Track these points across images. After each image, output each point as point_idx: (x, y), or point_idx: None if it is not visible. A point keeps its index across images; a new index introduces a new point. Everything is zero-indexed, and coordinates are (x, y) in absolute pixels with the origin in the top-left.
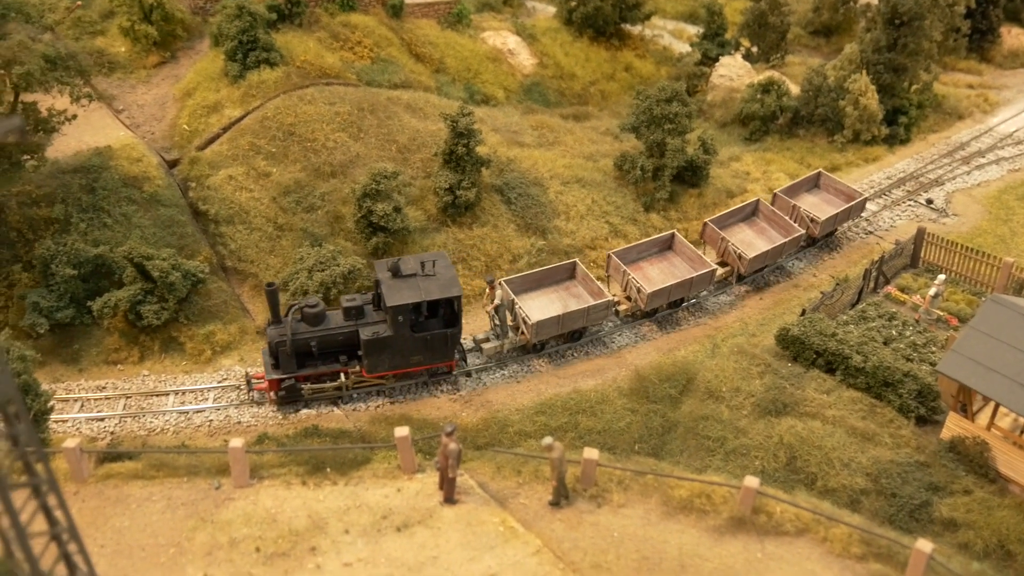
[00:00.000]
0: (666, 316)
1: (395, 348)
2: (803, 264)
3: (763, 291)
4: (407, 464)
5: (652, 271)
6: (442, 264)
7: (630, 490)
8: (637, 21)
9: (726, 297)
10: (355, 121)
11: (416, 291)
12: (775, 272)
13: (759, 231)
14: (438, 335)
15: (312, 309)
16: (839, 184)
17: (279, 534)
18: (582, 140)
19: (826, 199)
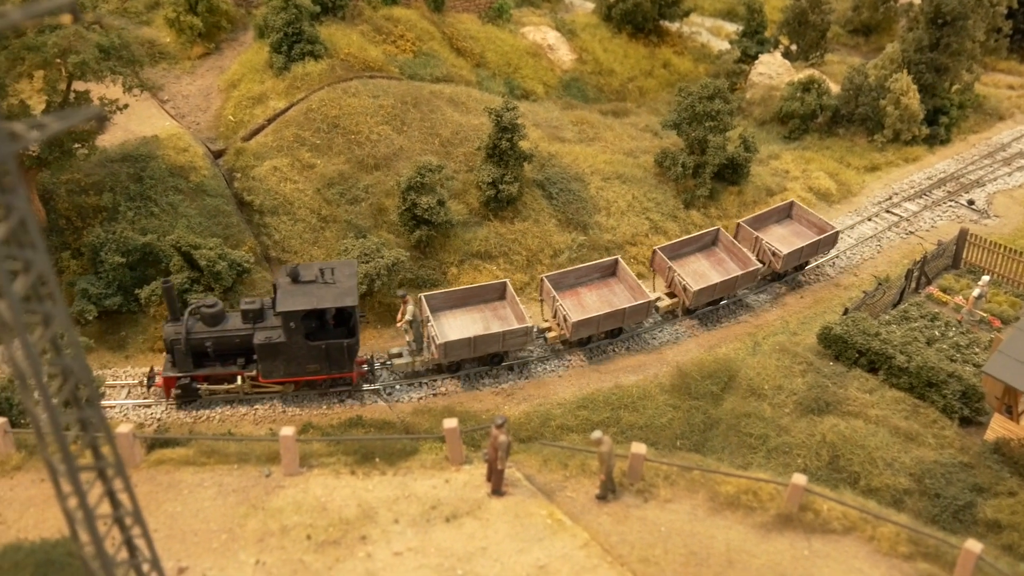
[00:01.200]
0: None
1: (290, 355)
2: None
3: (803, 289)
4: (455, 455)
5: (589, 298)
6: (344, 273)
7: (676, 485)
8: (676, 18)
9: (766, 295)
10: (398, 114)
11: (309, 298)
12: (736, 306)
13: (716, 262)
14: (334, 345)
15: (210, 309)
16: (811, 216)
17: (329, 522)
18: (622, 136)
19: (796, 231)
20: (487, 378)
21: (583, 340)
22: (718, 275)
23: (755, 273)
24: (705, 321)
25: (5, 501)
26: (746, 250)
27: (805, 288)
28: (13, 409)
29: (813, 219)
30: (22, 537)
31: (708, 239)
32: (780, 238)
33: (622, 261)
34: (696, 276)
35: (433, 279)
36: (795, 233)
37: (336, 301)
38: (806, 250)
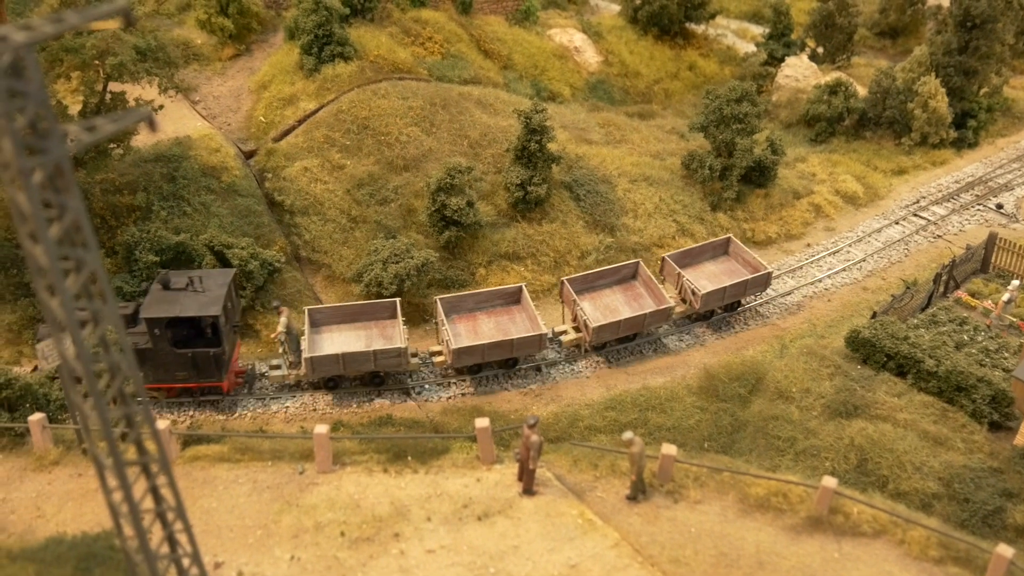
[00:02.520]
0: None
1: (157, 361)
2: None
3: (831, 293)
4: (486, 455)
5: (486, 325)
6: (216, 282)
7: (706, 487)
8: (702, 20)
9: (793, 297)
10: (427, 116)
11: (173, 306)
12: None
13: (632, 297)
14: (201, 353)
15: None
16: (747, 254)
17: (363, 519)
18: (648, 138)
19: (730, 269)
20: (515, 379)
21: (473, 368)
22: (629, 311)
23: (667, 312)
24: (732, 324)
25: (44, 495)
26: (663, 287)
27: (832, 292)
28: (50, 405)
29: (748, 257)
30: (61, 530)
31: (628, 272)
32: (710, 275)
33: (526, 290)
34: (605, 310)
35: (461, 280)
36: (728, 271)
37: (200, 310)
38: (730, 290)
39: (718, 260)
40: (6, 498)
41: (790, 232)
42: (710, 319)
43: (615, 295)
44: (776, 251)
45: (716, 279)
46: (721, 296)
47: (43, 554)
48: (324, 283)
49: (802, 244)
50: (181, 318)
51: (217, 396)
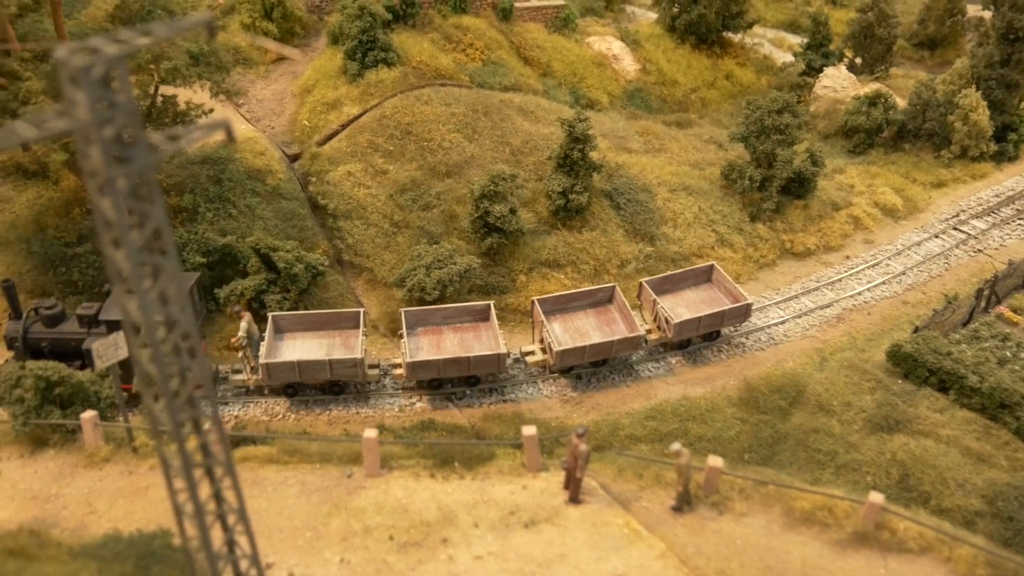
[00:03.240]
0: (775, 327)
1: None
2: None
3: (871, 306)
4: (532, 462)
5: (451, 341)
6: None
7: (751, 499)
8: (739, 29)
9: (832, 310)
10: (470, 122)
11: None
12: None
13: (605, 322)
14: None
15: (48, 311)
16: (729, 283)
17: (411, 524)
18: (687, 148)
19: (711, 297)
20: (555, 385)
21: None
22: (600, 336)
23: (636, 340)
24: (772, 335)
25: (95, 492)
26: (641, 312)
27: (872, 305)
28: (101, 402)
29: (730, 287)
30: (113, 527)
31: (603, 296)
32: (690, 303)
33: (493, 308)
34: (575, 333)
35: (502, 286)
36: (709, 300)
37: None
38: (706, 320)
39: (700, 288)
40: (58, 493)
41: (829, 244)
42: (686, 348)
43: (588, 319)
44: (815, 263)
45: (695, 307)
46: (696, 326)
47: (102, 551)
48: (365, 287)
49: (841, 256)
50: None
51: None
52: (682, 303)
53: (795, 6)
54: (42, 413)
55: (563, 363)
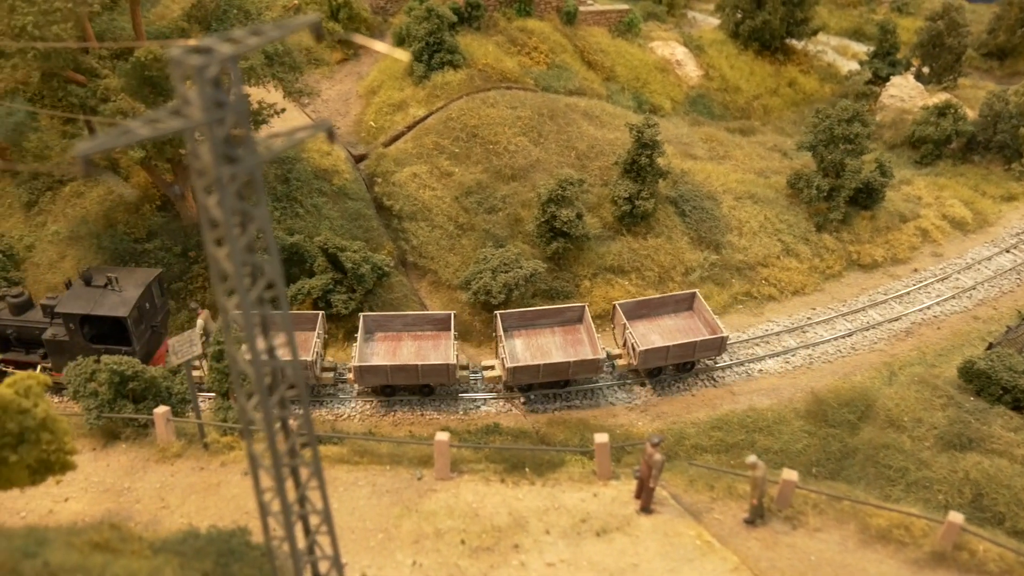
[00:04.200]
0: (842, 340)
1: (73, 354)
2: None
3: (940, 321)
4: (603, 470)
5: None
6: (135, 283)
7: (825, 514)
8: (804, 36)
9: (901, 324)
10: (535, 126)
11: (86, 303)
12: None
13: (571, 342)
14: (112, 350)
15: (15, 299)
16: (708, 313)
17: (482, 529)
18: (751, 155)
19: (689, 326)
20: (621, 392)
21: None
22: (561, 356)
23: (595, 364)
24: (840, 347)
25: (168, 487)
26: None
27: (942, 319)
28: (172, 398)
29: (709, 317)
30: (185, 522)
31: (573, 315)
32: (665, 331)
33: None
34: (536, 351)
35: (566, 291)
36: (686, 328)
37: (109, 310)
38: (675, 351)
39: (680, 315)
40: (131, 487)
41: (896, 256)
42: (656, 376)
43: (554, 337)
44: (882, 275)
45: (670, 335)
46: (664, 355)
47: (182, 547)
48: (429, 289)
49: (908, 269)
50: (91, 316)
51: None
52: (657, 330)
53: (859, 14)
54: (115, 407)
55: (516, 380)
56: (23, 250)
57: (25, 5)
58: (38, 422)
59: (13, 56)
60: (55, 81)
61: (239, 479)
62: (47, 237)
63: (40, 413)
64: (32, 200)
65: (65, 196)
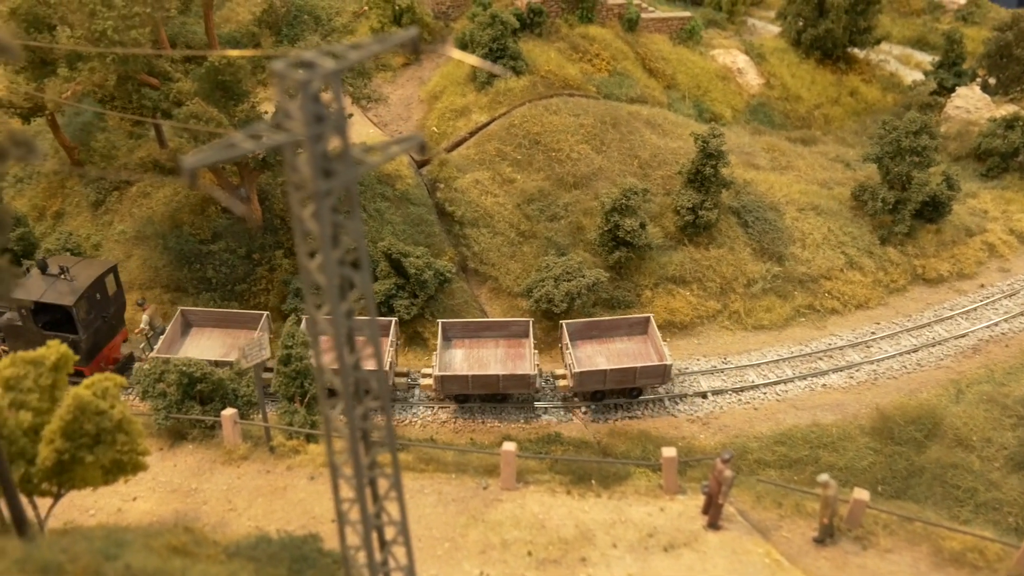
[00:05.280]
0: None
1: (28, 340)
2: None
3: (1008, 338)
4: (670, 484)
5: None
6: (87, 273)
7: (896, 535)
8: (867, 45)
9: (967, 340)
10: (598, 134)
11: (37, 290)
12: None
13: (513, 356)
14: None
15: None
16: (657, 340)
17: (549, 540)
18: (813, 166)
19: (639, 351)
20: (682, 403)
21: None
22: (500, 369)
23: (526, 379)
24: (904, 363)
25: (234, 489)
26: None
27: (1010, 336)
28: (238, 400)
29: (658, 344)
30: (252, 525)
31: (519, 329)
32: (612, 354)
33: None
34: (475, 363)
35: (628, 301)
36: (637, 353)
37: (56, 298)
38: (613, 375)
39: (633, 339)
40: (198, 488)
41: (962, 271)
42: (600, 400)
43: (497, 349)
44: (947, 290)
45: (616, 359)
46: (601, 379)
47: (256, 552)
48: (489, 295)
49: (975, 284)
50: (40, 303)
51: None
52: (605, 353)
53: (923, 22)
54: (183, 408)
55: (446, 391)
56: (90, 248)
57: (105, 10)
58: (114, 423)
59: (92, 59)
60: (130, 84)
61: (305, 483)
62: (113, 236)
63: (117, 415)
64: (99, 199)
65: (132, 196)
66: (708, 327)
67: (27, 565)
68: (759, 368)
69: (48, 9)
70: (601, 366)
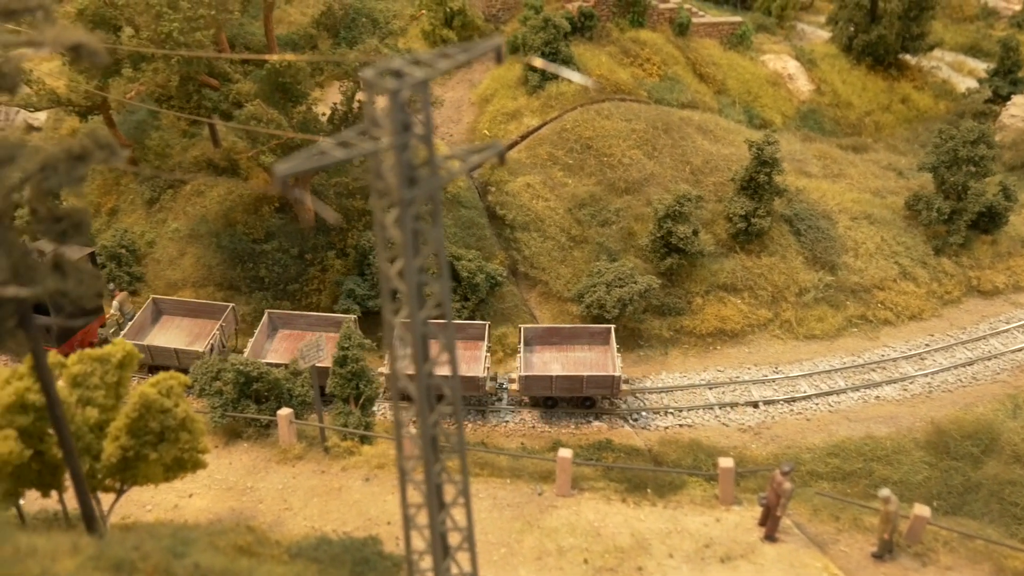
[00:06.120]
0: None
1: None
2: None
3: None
4: (726, 495)
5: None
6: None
7: (956, 553)
8: (919, 51)
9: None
10: (650, 139)
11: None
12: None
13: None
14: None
15: None
16: (613, 351)
17: (605, 548)
18: (865, 174)
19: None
20: (733, 412)
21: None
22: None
23: (475, 382)
24: (960, 376)
25: (289, 488)
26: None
27: None
28: (292, 400)
29: (613, 355)
30: (309, 525)
31: (476, 332)
32: (570, 362)
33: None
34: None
35: (678, 308)
36: (594, 363)
37: None
38: (560, 382)
39: (595, 348)
40: (254, 487)
41: (1019, 283)
42: (552, 407)
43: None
44: (1003, 303)
45: (572, 367)
46: (548, 385)
47: (318, 553)
48: (539, 299)
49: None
50: None
51: None
52: (563, 360)
53: (976, 29)
54: (239, 407)
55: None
56: (144, 246)
57: (171, 12)
58: (178, 422)
59: (155, 61)
60: (190, 85)
61: (360, 485)
62: (167, 234)
63: (181, 413)
64: (154, 197)
65: (186, 194)
66: (759, 336)
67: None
68: (811, 378)
69: (115, 11)
70: (552, 372)
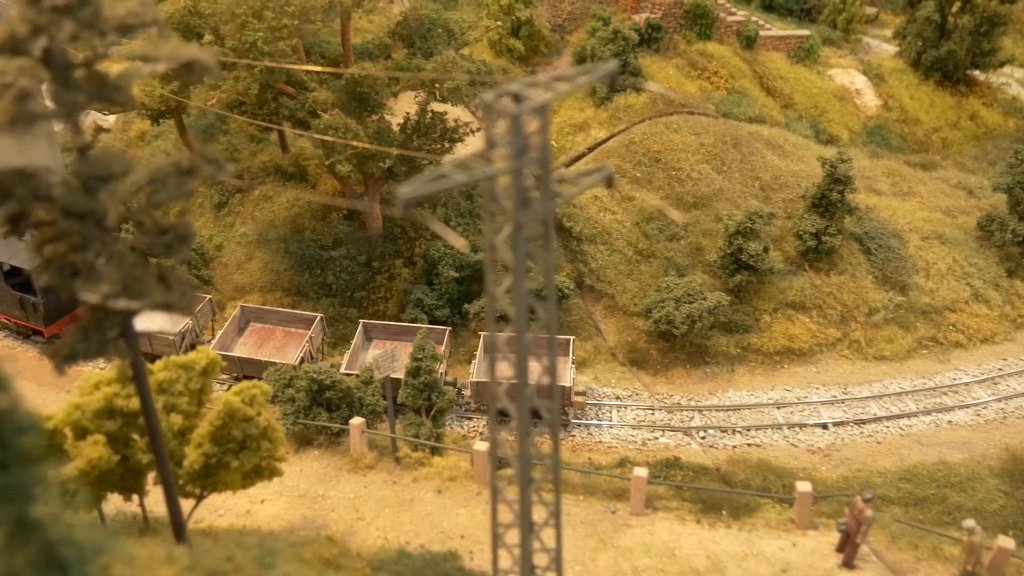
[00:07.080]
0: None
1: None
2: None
3: None
4: (802, 519)
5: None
6: None
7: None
8: (990, 68)
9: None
10: (718, 154)
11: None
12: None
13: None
14: (26, 299)
15: None
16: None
17: (680, 570)
18: (935, 192)
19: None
20: (802, 432)
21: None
22: None
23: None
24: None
25: (361, 497)
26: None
27: None
28: (363, 409)
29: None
30: (381, 536)
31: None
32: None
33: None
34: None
35: (746, 325)
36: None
37: (20, 262)
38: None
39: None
40: (325, 495)
41: None
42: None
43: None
44: None
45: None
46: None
47: (399, 567)
48: (604, 313)
49: None
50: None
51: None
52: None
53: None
54: (310, 414)
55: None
56: (212, 249)
57: (256, 22)
58: (260, 430)
59: (237, 69)
60: (268, 93)
61: (432, 496)
62: (235, 238)
63: (263, 422)
64: (222, 201)
65: (254, 199)
66: (827, 355)
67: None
68: (881, 400)
69: (199, 20)
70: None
